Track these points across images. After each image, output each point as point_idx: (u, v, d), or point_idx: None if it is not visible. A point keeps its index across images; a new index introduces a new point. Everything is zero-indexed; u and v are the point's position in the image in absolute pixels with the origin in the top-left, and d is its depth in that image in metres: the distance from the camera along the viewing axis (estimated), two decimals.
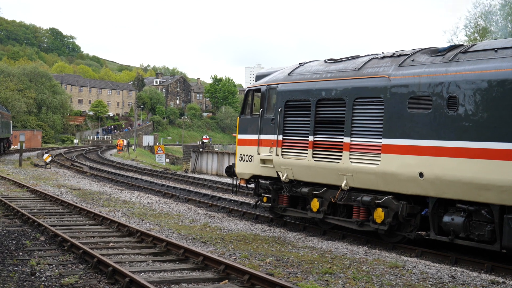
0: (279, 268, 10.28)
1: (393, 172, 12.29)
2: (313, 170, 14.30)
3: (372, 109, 12.98)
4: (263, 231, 14.68)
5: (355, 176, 13.18)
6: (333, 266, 10.62)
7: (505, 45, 11.18)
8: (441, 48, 12.52)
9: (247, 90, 17.24)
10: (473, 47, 11.85)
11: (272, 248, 12.31)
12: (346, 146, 13.36)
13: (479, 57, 11.32)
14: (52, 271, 9.59)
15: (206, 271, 9.90)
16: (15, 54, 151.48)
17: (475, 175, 10.82)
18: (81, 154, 59.68)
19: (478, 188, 10.82)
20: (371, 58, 13.79)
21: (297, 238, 13.90)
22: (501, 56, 10.92)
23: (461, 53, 11.79)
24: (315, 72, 14.80)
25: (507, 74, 10.56)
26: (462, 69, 11.35)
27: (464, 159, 11.02)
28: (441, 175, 11.38)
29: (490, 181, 10.60)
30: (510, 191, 10.33)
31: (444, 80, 11.53)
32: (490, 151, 10.61)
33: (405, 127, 12.12)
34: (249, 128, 16.64)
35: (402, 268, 10.62)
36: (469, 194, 11.05)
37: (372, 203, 12.87)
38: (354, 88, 13.36)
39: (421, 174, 11.77)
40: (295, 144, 14.89)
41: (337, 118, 13.77)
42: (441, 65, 11.82)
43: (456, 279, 10.00)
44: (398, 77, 12.46)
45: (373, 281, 9.55)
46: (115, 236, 13.14)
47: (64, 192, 22.62)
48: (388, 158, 12.40)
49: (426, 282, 9.69)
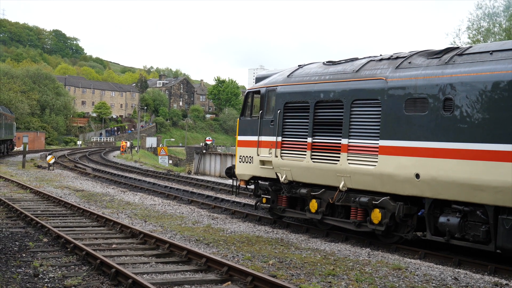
0: (282, 269, 10.27)
1: (390, 173, 12.40)
2: (311, 171, 14.41)
3: (370, 110, 13.08)
4: (266, 233, 14.67)
5: (352, 177, 13.28)
6: (336, 268, 10.60)
7: (500, 48, 11.31)
8: (438, 50, 12.64)
9: (246, 92, 17.41)
10: (469, 50, 11.95)
11: (275, 250, 12.30)
12: (344, 148, 13.46)
13: (474, 60, 11.43)
14: (55, 272, 9.60)
15: (209, 273, 9.89)
16: (19, 56, 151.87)
17: (470, 176, 10.93)
18: (84, 156, 59.79)
19: (473, 189, 10.93)
20: (369, 60, 13.87)
21: (300, 239, 13.89)
22: (496, 59, 11.03)
23: (457, 56, 11.90)
24: (314, 74, 14.91)
25: (502, 76, 10.67)
26: (458, 71, 11.48)
27: (459, 160, 11.14)
28: (437, 176, 11.49)
29: (484, 182, 10.70)
30: (504, 192, 10.44)
31: (440, 82, 11.64)
32: (485, 153, 10.72)
33: (402, 129, 12.24)
34: (249, 130, 16.75)
35: (405, 270, 10.60)
36: (464, 195, 11.16)
37: (370, 204, 12.97)
38: (352, 90, 13.48)
39: (417, 175, 11.87)
40: (294, 146, 14.99)
41: (335, 119, 13.87)
42: (437, 67, 11.93)
43: (459, 281, 9.98)
44: (395, 79, 12.57)
45: (376, 283, 9.54)
46: (118, 237, 13.14)
47: (67, 193, 22.65)
48: (385, 159, 12.50)
49: (429, 284, 9.67)
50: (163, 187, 27.87)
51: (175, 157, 74.05)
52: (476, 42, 37.92)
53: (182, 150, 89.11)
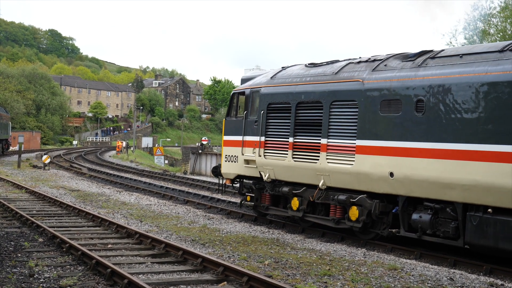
0: (278, 270, 10.27)
1: (366, 172, 12.82)
2: (293, 170, 14.83)
3: (348, 111, 13.52)
4: (261, 233, 14.68)
5: (331, 176, 13.71)
6: (332, 268, 10.62)
7: (469, 51, 11.72)
8: (412, 54, 13.04)
9: (232, 93, 17.90)
10: (441, 53, 12.37)
11: (271, 250, 12.31)
12: (323, 147, 13.91)
13: (445, 63, 11.85)
14: (51, 272, 9.58)
15: (205, 273, 9.89)
16: (14, 55, 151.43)
17: (440, 175, 11.37)
18: (80, 156, 59.66)
19: (443, 187, 11.37)
20: (348, 63, 14.30)
21: (296, 240, 13.91)
22: (465, 62, 11.46)
23: (430, 59, 12.31)
24: (296, 76, 15.37)
25: (469, 78, 11.09)
26: (429, 74, 11.89)
27: (430, 159, 11.58)
28: (410, 174, 11.93)
29: (453, 180, 11.16)
30: (472, 190, 10.88)
31: (413, 84, 12.06)
32: (454, 152, 11.17)
33: (377, 129, 12.68)
34: (234, 130, 17.23)
35: (400, 270, 10.62)
36: (435, 193, 11.61)
37: (347, 201, 13.39)
38: (331, 92, 13.92)
39: (391, 174, 12.31)
40: (276, 145, 15.44)
41: (315, 120, 14.32)
42: (410, 70, 12.36)
43: (454, 281, 10.00)
44: (371, 81, 13.01)
45: (371, 283, 9.55)
46: (113, 237, 13.13)
47: (63, 193, 22.60)
48: (361, 158, 12.94)
49: (425, 284, 9.69)
50: (159, 187, 27.85)
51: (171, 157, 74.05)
52: (472, 43, 38.02)
53: (178, 150, 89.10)
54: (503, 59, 10.84)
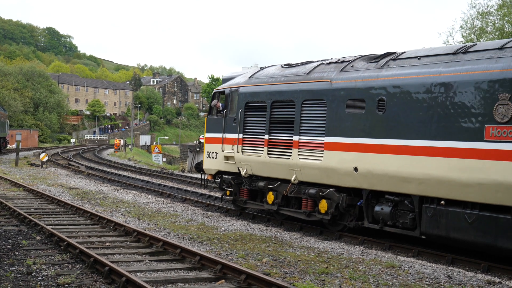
0: (276, 268, 10.29)
1: (333, 167, 13.57)
2: (268, 166, 15.63)
3: (317, 110, 14.23)
4: (259, 231, 14.70)
5: (303, 171, 14.47)
6: (330, 266, 10.63)
7: (427, 53, 12.42)
8: (377, 55, 13.76)
9: (213, 92, 18.71)
10: (402, 55, 13.04)
11: (269, 248, 12.32)
12: (295, 144, 14.65)
13: (404, 64, 12.58)
14: (49, 270, 9.58)
15: (203, 271, 9.90)
16: (12, 53, 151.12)
17: (399, 169, 12.12)
18: (78, 154, 59.59)
19: (401, 180, 12.12)
20: (319, 64, 14.98)
21: (294, 237, 13.93)
22: (422, 63, 12.16)
23: (392, 60, 13.01)
24: (272, 76, 16.13)
25: (425, 79, 11.78)
26: (390, 74, 12.61)
27: (390, 155, 12.33)
28: (372, 169, 12.68)
29: (411, 175, 11.89)
30: (427, 183, 11.60)
31: (375, 84, 12.80)
32: (410, 148, 11.93)
33: (343, 127, 13.40)
34: (215, 127, 17.88)
35: (398, 268, 10.64)
36: (394, 186, 12.35)
37: (317, 195, 14.11)
38: (303, 91, 14.63)
39: (356, 169, 13.04)
40: (253, 142, 16.20)
41: (288, 118, 15.05)
42: (373, 71, 13.09)
43: (452, 279, 10.03)
44: (338, 81, 13.73)
45: (369, 281, 9.57)
46: (111, 235, 13.13)
47: (61, 191, 22.59)
48: (329, 154, 13.68)
49: (423, 282, 9.71)
50: (157, 185, 27.83)
51: (169, 155, 74.04)
52: (470, 41, 38.02)
53: (176, 148, 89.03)
54: (455, 61, 11.57)
